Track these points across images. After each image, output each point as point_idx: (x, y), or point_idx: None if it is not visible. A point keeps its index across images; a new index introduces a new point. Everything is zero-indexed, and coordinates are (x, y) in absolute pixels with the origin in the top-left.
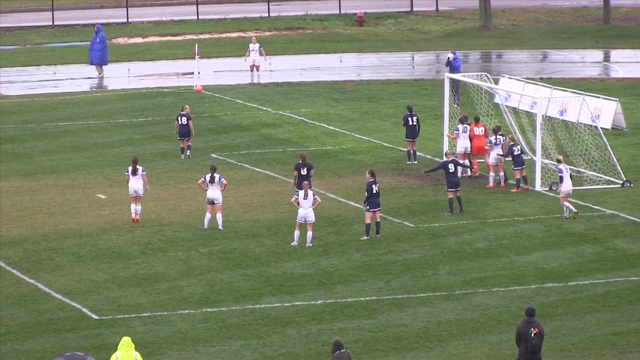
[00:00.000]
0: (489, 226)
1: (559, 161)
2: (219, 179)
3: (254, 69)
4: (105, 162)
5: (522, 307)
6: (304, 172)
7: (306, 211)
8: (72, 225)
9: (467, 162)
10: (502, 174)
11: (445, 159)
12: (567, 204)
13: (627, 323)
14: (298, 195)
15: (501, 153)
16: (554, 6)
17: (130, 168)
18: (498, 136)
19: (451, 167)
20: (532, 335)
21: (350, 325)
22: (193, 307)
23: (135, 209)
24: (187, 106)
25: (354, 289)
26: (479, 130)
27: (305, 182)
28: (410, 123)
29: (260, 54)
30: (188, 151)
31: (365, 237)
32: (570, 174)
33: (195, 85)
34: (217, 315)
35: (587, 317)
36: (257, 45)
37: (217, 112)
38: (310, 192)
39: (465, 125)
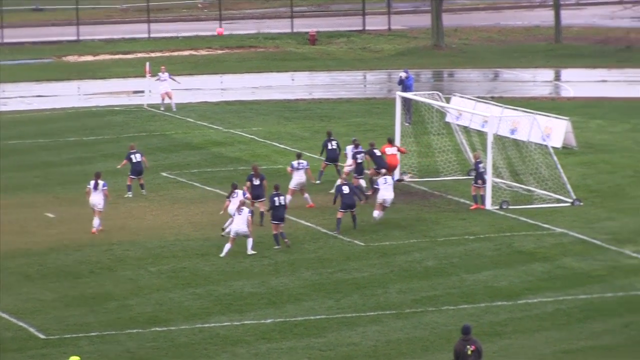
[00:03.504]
0: (440, 245)
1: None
2: (102, 186)
3: (166, 96)
4: (54, 181)
5: (472, 325)
6: (256, 182)
7: (239, 227)
8: (21, 244)
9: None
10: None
11: (338, 182)
12: (377, 212)
13: (576, 341)
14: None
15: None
16: (505, 25)
17: (92, 182)
18: (300, 161)
19: (345, 189)
20: (469, 352)
21: (300, 344)
22: (142, 326)
23: (95, 222)
24: (134, 144)
25: (303, 307)
26: (391, 150)
27: (243, 199)
28: (330, 147)
29: (170, 83)
30: (143, 190)
31: (276, 247)
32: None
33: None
34: (166, 334)
35: (537, 335)
36: (167, 74)
37: (167, 130)
38: (245, 210)
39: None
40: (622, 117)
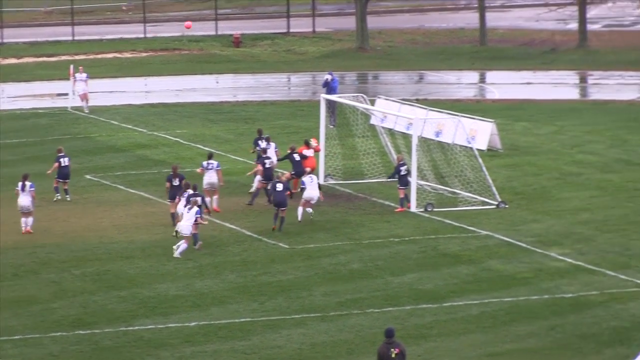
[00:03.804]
0: (364, 247)
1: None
2: (30, 187)
3: (84, 98)
4: None
5: (397, 328)
6: (175, 182)
7: (182, 227)
8: None
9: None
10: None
11: (276, 179)
12: (302, 209)
13: (502, 344)
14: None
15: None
16: (430, 28)
17: (20, 184)
18: (210, 161)
19: (279, 186)
20: (393, 355)
21: (224, 347)
22: (66, 329)
23: (25, 221)
24: (62, 147)
25: (228, 310)
26: (308, 152)
27: (195, 199)
28: (261, 146)
29: (86, 84)
30: (67, 196)
31: (193, 247)
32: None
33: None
34: (90, 337)
35: (462, 338)
36: (85, 75)
37: (92, 133)
38: (194, 209)
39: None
40: (548, 120)
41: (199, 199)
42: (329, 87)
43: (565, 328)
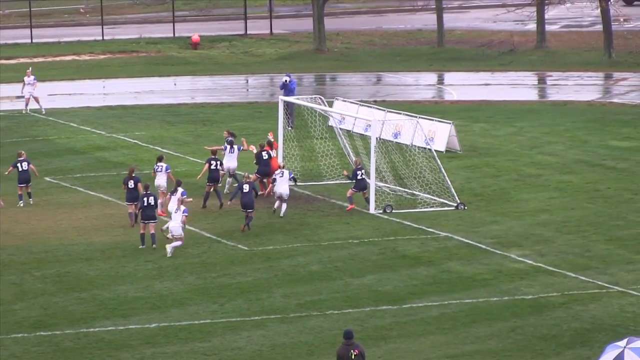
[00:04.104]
0: (324, 249)
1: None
2: None
3: (35, 101)
4: None
5: (357, 329)
6: (131, 185)
7: (173, 225)
8: None
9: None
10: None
11: (243, 180)
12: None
13: (462, 345)
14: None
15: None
16: (388, 29)
17: None
18: (159, 164)
19: (245, 187)
20: (353, 357)
21: (185, 349)
22: (27, 330)
23: None
24: (23, 151)
25: (188, 312)
26: (273, 153)
27: (182, 198)
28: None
29: (35, 86)
30: (30, 199)
31: (141, 246)
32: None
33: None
34: (51, 338)
35: (422, 339)
36: (32, 77)
37: (50, 135)
38: (182, 208)
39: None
40: (506, 121)
41: (189, 199)
42: (287, 89)
43: (526, 330)
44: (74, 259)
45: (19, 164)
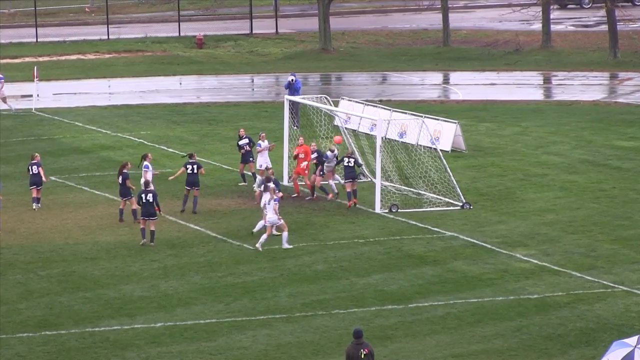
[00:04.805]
0: (329, 248)
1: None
2: None
3: (2, 100)
4: None
5: (363, 329)
6: (120, 180)
7: (271, 217)
8: None
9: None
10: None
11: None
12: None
13: (467, 345)
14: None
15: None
16: (393, 29)
17: None
18: (145, 162)
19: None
20: (362, 356)
21: (190, 348)
22: (32, 330)
23: None
24: (37, 154)
25: (193, 311)
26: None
27: (273, 187)
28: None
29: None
30: (38, 203)
31: (143, 240)
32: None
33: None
34: (56, 338)
35: (427, 339)
36: (0, 76)
37: (56, 134)
38: (273, 198)
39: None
40: (512, 120)
41: (280, 194)
42: (292, 88)
43: (531, 329)
44: (79, 258)
45: (30, 167)
